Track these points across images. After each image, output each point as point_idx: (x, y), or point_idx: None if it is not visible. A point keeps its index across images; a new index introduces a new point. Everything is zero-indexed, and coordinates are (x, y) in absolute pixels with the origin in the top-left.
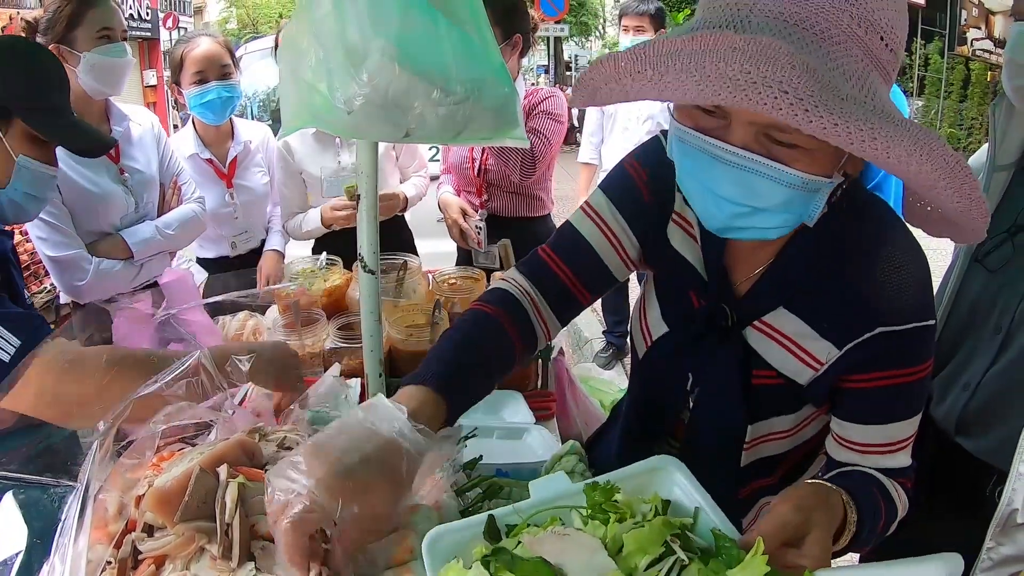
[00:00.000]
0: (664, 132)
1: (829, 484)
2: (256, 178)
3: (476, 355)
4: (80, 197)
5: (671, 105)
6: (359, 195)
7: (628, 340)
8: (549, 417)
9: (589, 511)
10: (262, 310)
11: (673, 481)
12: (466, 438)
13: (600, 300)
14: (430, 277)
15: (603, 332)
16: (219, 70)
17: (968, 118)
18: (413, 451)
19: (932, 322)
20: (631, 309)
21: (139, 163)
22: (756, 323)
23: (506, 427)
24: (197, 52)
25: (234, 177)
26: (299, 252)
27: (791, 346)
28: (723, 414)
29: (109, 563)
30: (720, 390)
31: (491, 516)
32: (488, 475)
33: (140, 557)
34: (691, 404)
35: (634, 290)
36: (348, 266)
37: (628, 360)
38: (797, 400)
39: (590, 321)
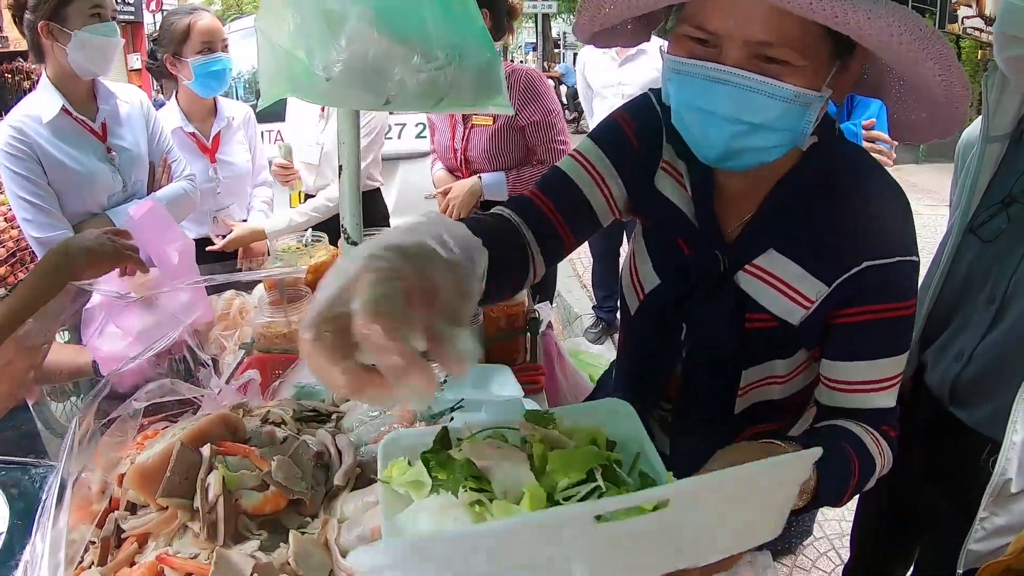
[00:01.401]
0: (652, 90)
1: (782, 443)
2: (239, 154)
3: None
4: (66, 177)
5: (664, 45)
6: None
7: (619, 302)
8: (538, 391)
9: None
10: (248, 288)
11: (623, 424)
12: (453, 409)
13: (590, 275)
14: None
15: (593, 307)
16: (222, 43)
17: None
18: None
19: (916, 258)
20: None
21: (127, 141)
22: (747, 267)
23: (494, 401)
24: (204, 23)
25: (217, 152)
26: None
27: (782, 287)
28: (718, 360)
29: (92, 543)
30: (714, 336)
31: (444, 428)
32: None
33: (123, 536)
34: (684, 355)
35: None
36: (334, 242)
37: (618, 335)
38: (791, 343)
39: (580, 297)
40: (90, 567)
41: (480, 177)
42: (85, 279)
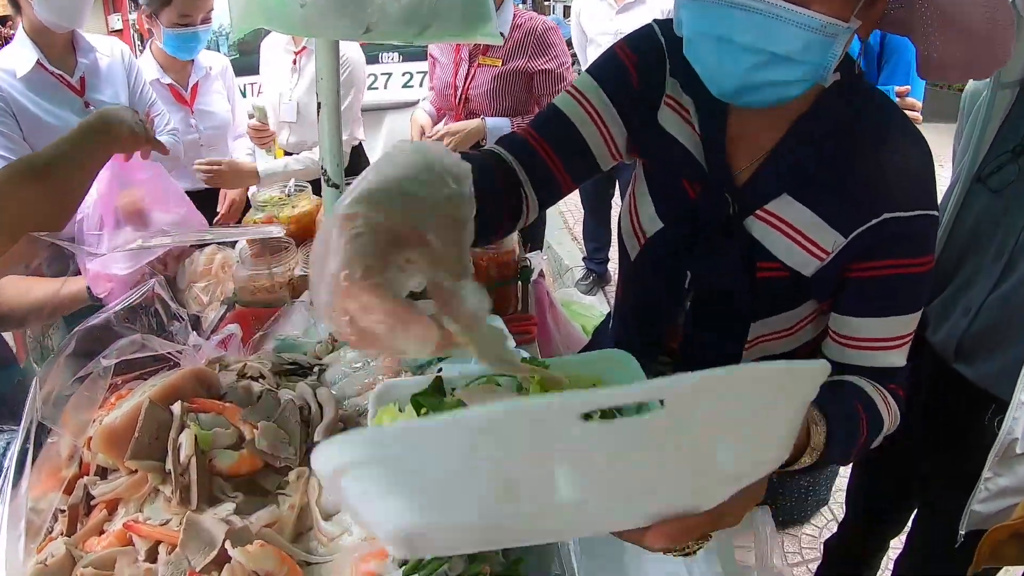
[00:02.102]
0: (657, 21)
1: None
2: (218, 104)
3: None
4: (42, 132)
5: None
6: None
7: (618, 248)
8: (530, 341)
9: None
10: (231, 244)
11: (624, 375)
12: (441, 359)
13: (581, 228)
14: None
15: (583, 259)
16: (206, 13)
17: None
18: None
19: (936, 213)
20: (613, 234)
21: (106, 95)
22: (759, 212)
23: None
24: None
25: (195, 103)
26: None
27: (796, 236)
28: (725, 311)
29: (62, 511)
30: (722, 286)
31: (438, 376)
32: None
33: (93, 503)
34: (688, 305)
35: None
36: (318, 192)
37: (609, 288)
38: (801, 294)
39: (570, 249)
40: (59, 537)
41: (484, 119)
42: (117, 152)
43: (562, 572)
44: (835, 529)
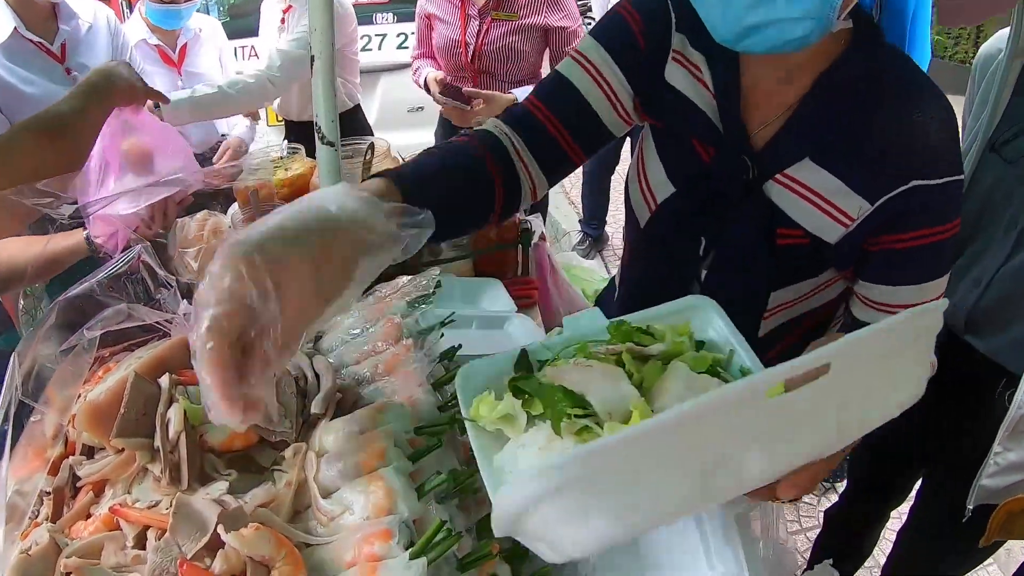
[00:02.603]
0: None
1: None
2: (207, 66)
3: (448, 170)
4: (20, 101)
5: None
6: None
7: (626, 209)
8: (531, 305)
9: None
10: (223, 209)
11: (708, 322)
12: (443, 324)
13: (578, 191)
14: (400, 159)
15: (579, 222)
16: None
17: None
18: (344, 217)
19: (962, 177)
20: (611, 200)
21: (89, 62)
22: (778, 177)
23: (486, 316)
24: None
25: (184, 64)
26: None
27: (819, 201)
28: (744, 280)
29: (47, 493)
30: (741, 253)
31: (523, 351)
32: None
33: (79, 484)
34: (702, 273)
35: (615, 184)
36: (311, 154)
37: (607, 251)
38: (821, 262)
39: (567, 213)
40: (44, 523)
41: (514, 92)
42: (118, 104)
43: None
44: (834, 498)
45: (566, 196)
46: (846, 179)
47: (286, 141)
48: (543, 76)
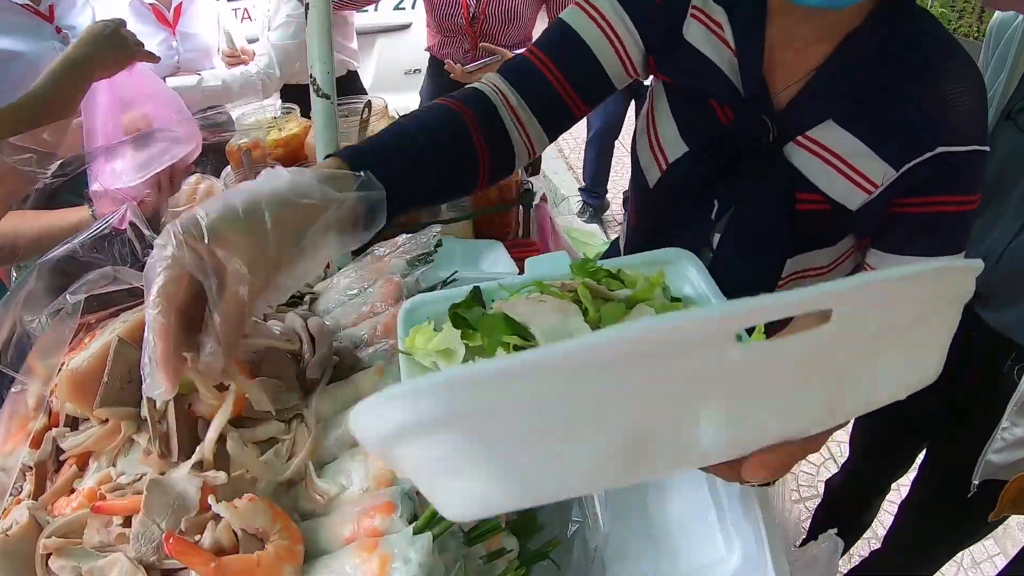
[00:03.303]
0: None
1: None
2: (202, 26)
3: (418, 140)
4: (7, 64)
5: None
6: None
7: (633, 168)
8: None
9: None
10: (215, 171)
11: (684, 276)
12: (445, 283)
13: (578, 158)
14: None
15: (579, 190)
16: None
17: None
18: (293, 191)
19: (988, 148)
20: (612, 169)
21: (77, 20)
22: (800, 139)
23: (487, 278)
24: None
25: (178, 25)
26: None
27: (841, 166)
28: (759, 246)
29: (30, 468)
30: (758, 218)
31: (476, 287)
32: None
33: (62, 457)
34: (714, 237)
35: (619, 150)
36: (306, 114)
37: (606, 218)
38: (841, 229)
39: (566, 179)
40: (26, 499)
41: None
42: (104, 76)
43: (583, 519)
44: (832, 468)
45: (564, 161)
46: (871, 143)
47: (280, 101)
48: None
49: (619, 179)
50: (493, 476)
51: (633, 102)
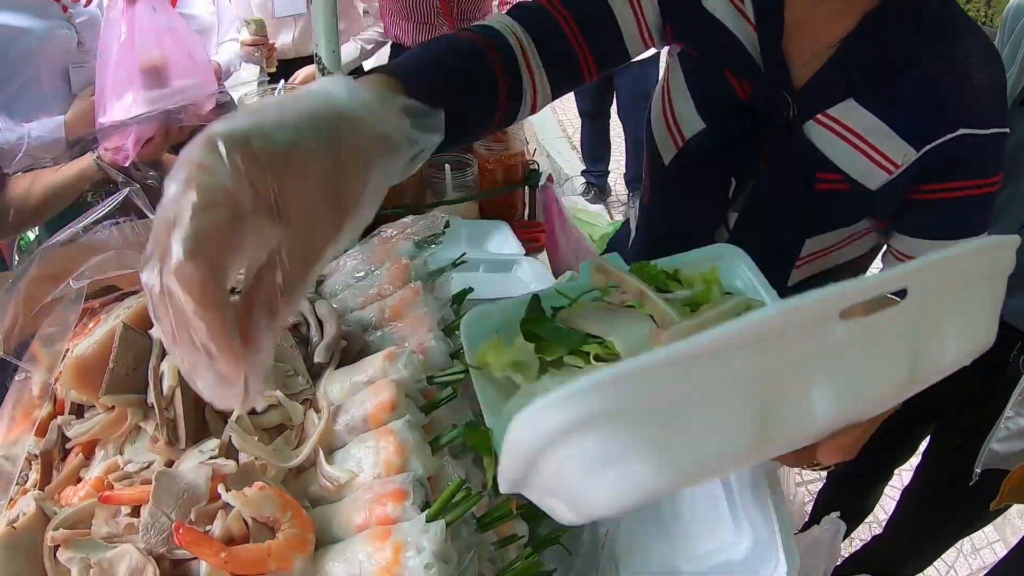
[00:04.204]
0: None
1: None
2: (201, 5)
3: (452, 66)
4: (12, 41)
5: None
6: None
7: (648, 144)
8: (539, 249)
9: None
10: None
11: (735, 273)
12: (455, 265)
13: (580, 137)
14: None
15: (582, 172)
16: None
17: None
18: (358, 107)
19: (1008, 131)
20: (611, 142)
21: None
22: (819, 117)
23: (494, 259)
24: None
25: (177, 6)
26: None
27: (862, 145)
28: (777, 226)
29: (36, 456)
30: (776, 197)
31: (535, 296)
32: None
33: (68, 446)
34: (731, 217)
35: (616, 130)
36: None
37: (612, 200)
38: (860, 209)
39: (570, 159)
40: (33, 488)
41: None
42: None
43: None
44: None
45: (568, 140)
46: (892, 123)
47: (283, 80)
48: None
49: (621, 158)
50: (652, 461)
51: (617, 89)
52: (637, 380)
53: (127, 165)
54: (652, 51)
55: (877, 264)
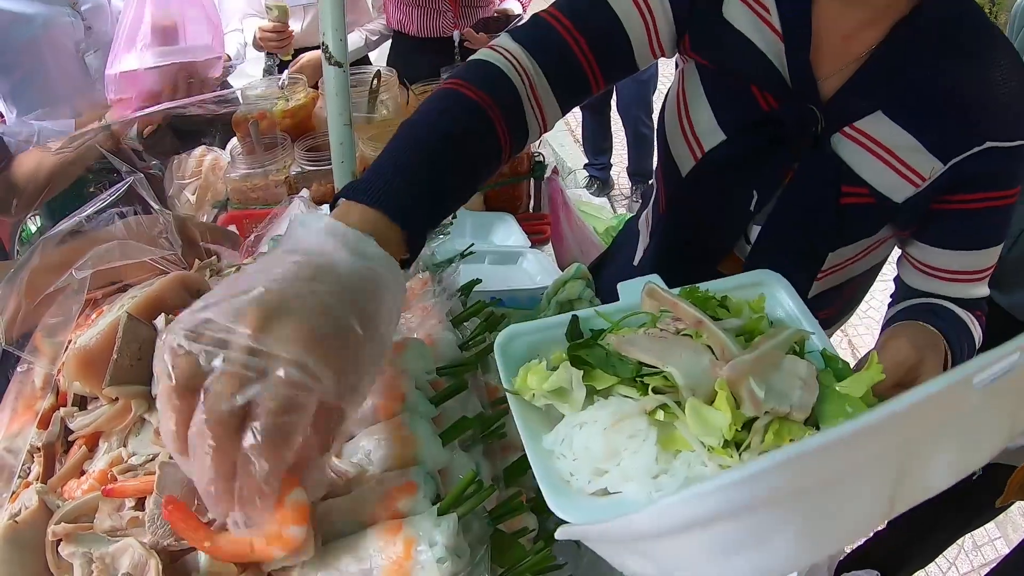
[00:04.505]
0: None
1: (930, 326)
2: None
3: (451, 164)
4: (18, 29)
5: None
6: None
7: (662, 152)
8: (544, 241)
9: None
10: (221, 144)
11: (776, 301)
12: (463, 256)
13: (581, 130)
14: (408, 89)
15: (585, 166)
16: None
17: None
18: (386, 276)
19: None
20: (611, 135)
21: None
22: (846, 130)
23: (499, 251)
24: None
25: None
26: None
27: (890, 158)
28: (801, 240)
29: (38, 449)
30: (801, 211)
31: (575, 317)
32: (486, 303)
33: (71, 438)
34: (753, 230)
35: (616, 123)
36: (313, 84)
37: (615, 194)
38: (881, 221)
39: (573, 152)
40: (35, 481)
41: (506, 4)
42: None
43: None
44: None
45: (571, 133)
46: (920, 136)
47: (287, 71)
48: None
49: (623, 151)
50: (789, 545)
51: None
52: (786, 470)
53: (133, 135)
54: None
55: (886, 272)
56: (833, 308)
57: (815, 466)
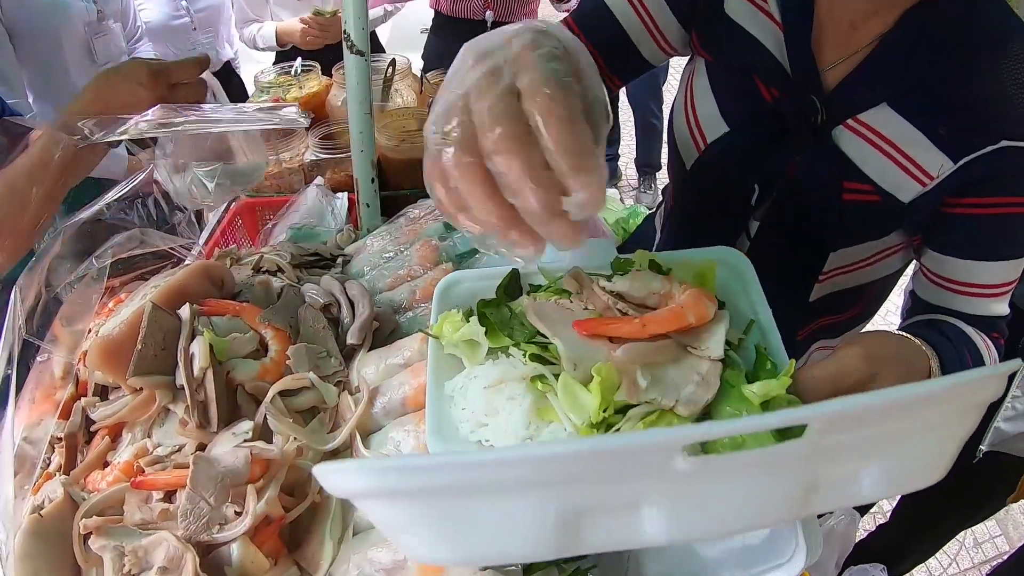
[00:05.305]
0: None
1: (910, 335)
2: None
3: None
4: (28, 10)
5: None
6: None
7: (670, 146)
8: None
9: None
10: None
11: (734, 281)
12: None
13: None
14: (423, 78)
15: None
16: None
17: None
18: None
19: None
20: (620, 125)
21: None
22: (849, 122)
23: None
24: None
25: None
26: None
27: (895, 154)
28: (802, 238)
29: (58, 440)
30: (801, 206)
31: (514, 271)
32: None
33: (93, 428)
34: (752, 225)
35: (624, 113)
36: (326, 72)
37: (621, 184)
38: (890, 222)
39: None
40: (57, 473)
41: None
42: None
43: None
44: None
45: None
46: (928, 131)
47: (300, 58)
48: None
49: (631, 142)
50: (442, 541)
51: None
52: (439, 472)
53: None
54: None
55: (902, 283)
56: (840, 315)
57: (457, 480)
